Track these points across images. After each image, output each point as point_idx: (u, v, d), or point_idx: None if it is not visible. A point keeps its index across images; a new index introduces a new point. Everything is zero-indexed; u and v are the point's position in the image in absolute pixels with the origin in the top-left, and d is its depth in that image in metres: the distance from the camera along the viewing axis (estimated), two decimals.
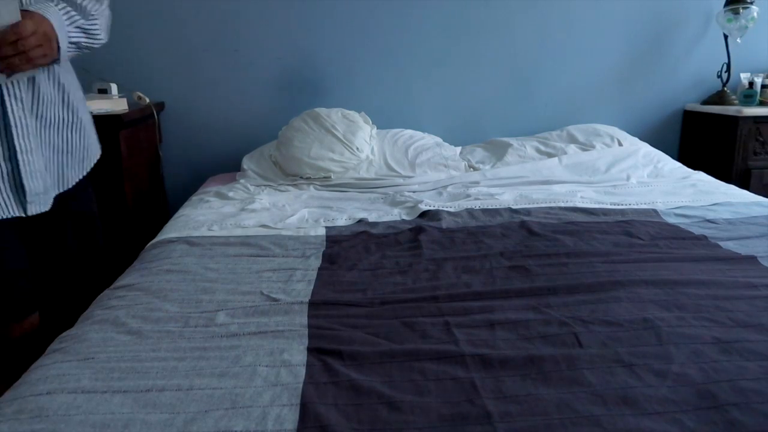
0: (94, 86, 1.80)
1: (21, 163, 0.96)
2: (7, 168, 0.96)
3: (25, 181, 0.97)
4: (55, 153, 1.05)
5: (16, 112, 0.96)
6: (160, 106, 2.03)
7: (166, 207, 2.10)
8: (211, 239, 1.27)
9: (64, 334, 0.87)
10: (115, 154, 1.65)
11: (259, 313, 0.91)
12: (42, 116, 1.01)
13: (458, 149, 2.07)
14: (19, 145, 0.96)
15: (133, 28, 2.02)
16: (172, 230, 1.38)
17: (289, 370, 0.74)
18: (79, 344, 0.81)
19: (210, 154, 1.93)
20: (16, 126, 0.96)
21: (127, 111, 1.72)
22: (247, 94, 2.10)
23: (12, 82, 0.95)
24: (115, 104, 1.73)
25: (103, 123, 1.63)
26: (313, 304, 0.92)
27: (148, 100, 1.87)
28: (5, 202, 0.96)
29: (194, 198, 1.70)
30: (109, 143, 1.64)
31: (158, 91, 2.03)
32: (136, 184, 1.79)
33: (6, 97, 0.94)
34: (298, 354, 0.77)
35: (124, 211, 1.69)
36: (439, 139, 2.08)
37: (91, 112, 1.63)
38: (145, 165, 1.90)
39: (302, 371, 0.73)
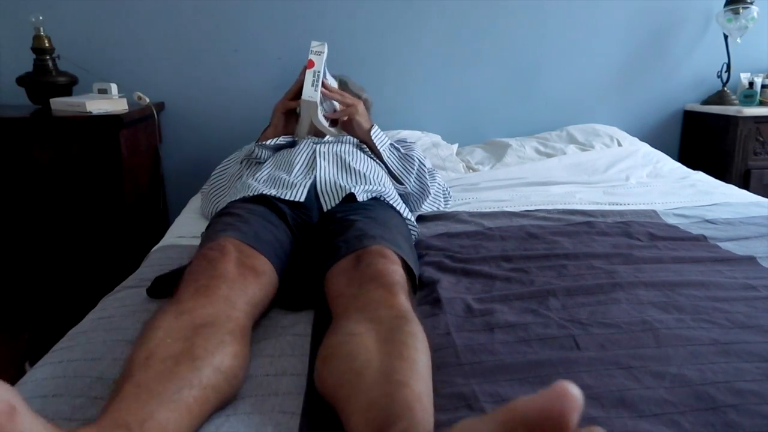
0: (94, 86, 1.80)
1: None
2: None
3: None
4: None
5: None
6: (160, 106, 2.03)
7: (166, 207, 2.11)
8: None
9: (71, 332, 0.87)
10: (115, 154, 1.66)
11: (265, 317, 0.91)
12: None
13: (455, 146, 2.07)
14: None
15: (133, 28, 2.02)
16: (180, 231, 1.38)
17: (290, 378, 0.74)
18: (88, 344, 0.81)
19: (210, 154, 1.93)
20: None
21: (127, 111, 1.73)
22: (247, 94, 2.11)
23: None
24: (115, 104, 1.73)
25: (103, 123, 1.63)
26: (317, 314, 0.92)
27: (148, 100, 1.87)
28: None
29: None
30: (109, 143, 1.65)
31: (158, 91, 2.03)
32: (136, 184, 1.79)
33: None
34: (300, 363, 0.77)
35: (124, 211, 1.70)
36: (437, 138, 2.09)
37: (91, 112, 1.64)
38: (145, 165, 1.90)
39: (303, 380, 0.73)
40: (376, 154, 1.44)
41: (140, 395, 0.59)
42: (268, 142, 1.42)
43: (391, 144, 1.46)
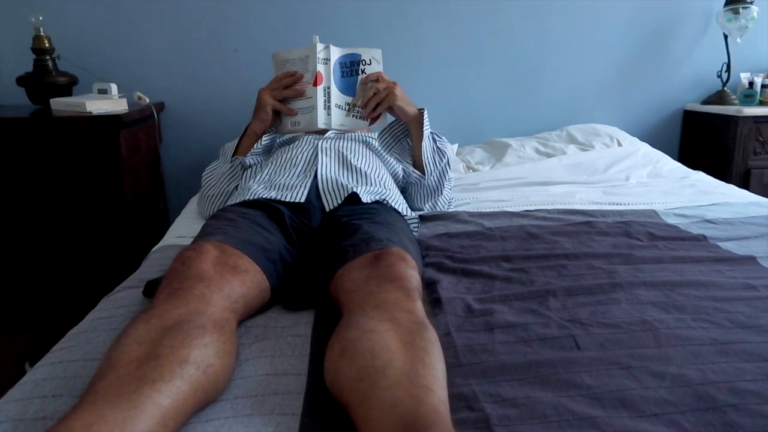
0: (94, 86, 1.80)
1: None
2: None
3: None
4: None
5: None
6: (160, 106, 2.03)
7: (166, 207, 2.11)
8: None
9: (71, 332, 0.87)
10: (115, 154, 1.66)
11: (266, 317, 0.91)
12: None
13: (455, 146, 2.06)
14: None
15: (133, 28, 2.02)
16: (180, 231, 1.38)
17: (290, 378, 0.73)
18: (88, 344, 0.81)
19: (210, 154, 1.93)
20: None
21: (127, 111, 1.73)
22: (247, 94, 2.10)
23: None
24: (115, 104, 1.73)
25: (103, 123, 1.63)
26: (317, 315, 0.92)
27: (148, 100, 1.87)
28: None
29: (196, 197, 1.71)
30: (109, 143, 1.65)
31: (158, 91, 2.03)
32: (136, 184, 1.79)
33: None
34: (300, 363, 0.77)
35: (124, 212, 1.70)
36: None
37: (91, 112, 1.64)
38: (145, 165, 1.90)
39: (303, 380, 0.73)
40: (415, 138, 1.40)
41: (95, 401, 0.58)
42: (256, 147, 1.38)
43: (431, 132, 1.42)
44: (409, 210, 1.27)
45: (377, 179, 1.26)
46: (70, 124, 1.63)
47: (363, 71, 1.37)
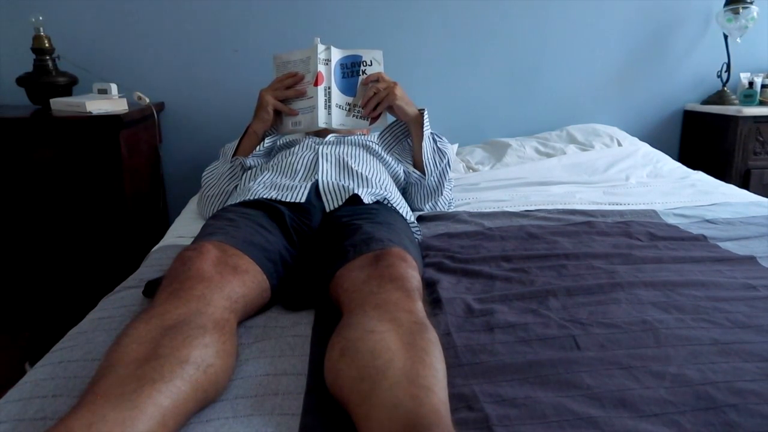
0: (94, 86, 1.80)
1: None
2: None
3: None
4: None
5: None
6: (160, 106, 2.03)
7: (166, 207, 2.11)
8: None
9: (71, 332, 0.87)
10: (115, 154, 1.66)
11: (266, 317, 0.91)
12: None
13: (455, 146, 2.06)
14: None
15: (133, 28, 2.02)
16: (180, 230, 1.38)
17: (290, 378, 0.73)
18: (88, 344, 0.81)
19: (210, 154, 1.94)
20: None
21: (127, 111, 1.72)
22: (247, 94, 2.10)
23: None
24: (115, 104, 1.73)
25: (103, 123, 1.63)
26: (317, 315, 0.92)
27: (148, 100, 1.87)
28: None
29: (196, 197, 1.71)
30: (109, 143, 1.65)
31: (158, 91, 2.03)
32: (136, 184, 1.79)
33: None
34: (300, 363, 0.77)
35: (124, 211, 1.70)
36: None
37: (91, 112, 1.64)
38: (145, 165, 1.90)
39: (303, 380, 0.73)
40: (415, 138, 1.41)
41: (95, 401, 0.58)
42: (258, 149, 1.38)
43: (431, 132, 1.43)
44: (410, 215, 1.27)
45: (378, 183, 1.26)
46: (70, 124, 1.63)
47: (364, 72, 1.38)
